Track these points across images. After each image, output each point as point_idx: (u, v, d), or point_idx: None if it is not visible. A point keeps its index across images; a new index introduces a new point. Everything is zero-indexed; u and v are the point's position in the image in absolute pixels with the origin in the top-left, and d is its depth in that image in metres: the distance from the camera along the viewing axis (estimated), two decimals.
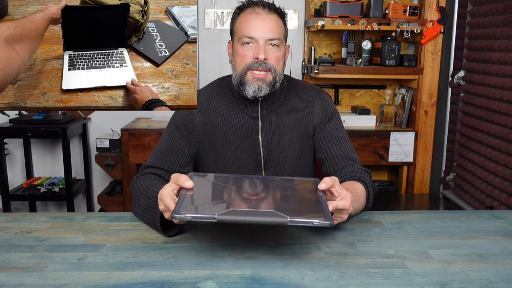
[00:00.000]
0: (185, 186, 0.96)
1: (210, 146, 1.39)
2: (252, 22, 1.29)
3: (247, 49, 1.30)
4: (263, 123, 1.38)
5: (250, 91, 1.30)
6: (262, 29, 1.29)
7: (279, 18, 1.33)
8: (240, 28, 1.32)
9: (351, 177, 1.28)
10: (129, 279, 0.87)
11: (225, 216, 0.84)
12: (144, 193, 1.15)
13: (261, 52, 1.28)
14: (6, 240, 1.05)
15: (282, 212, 0.86)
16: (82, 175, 3.14)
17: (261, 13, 1.30)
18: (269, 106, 1.38)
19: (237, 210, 0.87)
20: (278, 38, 1.30)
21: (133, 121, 2.92)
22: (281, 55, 1.33)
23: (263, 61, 1.28)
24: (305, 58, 2.93)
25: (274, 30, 1.29)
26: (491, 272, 0.91)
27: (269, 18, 1.30)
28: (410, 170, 2.88)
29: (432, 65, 2.78)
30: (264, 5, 1.31)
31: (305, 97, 1.43)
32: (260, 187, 1.05)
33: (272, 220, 0.85)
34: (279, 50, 1.31)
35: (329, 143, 1.39)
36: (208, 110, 1.39)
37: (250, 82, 1.30)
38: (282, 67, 1.35)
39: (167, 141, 1.37)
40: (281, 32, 1.32)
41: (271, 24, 1.29)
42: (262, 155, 1.38)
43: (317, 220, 0.85)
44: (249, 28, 1.29)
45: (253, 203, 0.95)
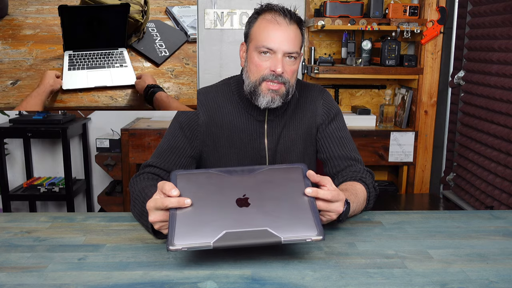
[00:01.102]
0: (171, 195, 0.94)
1: (214, 147, 1.37)
2: (272, 32, 1.24)
3: (264, 60, 1.25)
4: (269, 127, 1.37)
5: (263, 102, 1.27)
6: (282, 41, 1.23)
7: (298, 29, 1.28)
8: (258, 36, 1.26)
9: (352, 177, 1.28)
10: (129, 279, 0.87)
11: (220, 243, 0.86)
12: (139, 195, 1.14)
13: (279, 66, 1.23)
14: (6, 240, 1.05)
15: (274, 228, 0.88)
16: (82, 175, 3.14)
17: (282, 23, 1.24)
18: (277, 110, 1.36)
19: (231, 233, 0.88)
20: (296, 51, 1.26)
21: (133, 121, 2.92)
22: (297, 68, 1.29)
23: (280, 75, 1.25)
24: (305, 58, 2.93)
25: (294, 43, 1.25)
26: (491, 272, 0.91)
27: (290, 29, 1.25)
28: (410, 170, 2.88)
29: (432, 65, 2.78)
30: (286, 13, 1.24)
31: (308, 98, 1.41)
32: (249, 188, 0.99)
33: (267, 241, 0.87)
34: (295, 63, 1.28)
35: (331, 143, 1.38)
36: (213, 110, 1.37)
37: (264, 93, 1.27)
38: (296, 79, 1.32)
39: (169, 141, 1.35)
40: (300, 45, 1.29)
41: (291, 36, 1.24)
42: (267, 158, 1.38)
43: (309, 237, 0.87)
44: (268, 38, 1.24)
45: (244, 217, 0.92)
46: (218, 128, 1.36)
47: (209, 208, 0.94)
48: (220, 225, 0.90)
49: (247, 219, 0.92)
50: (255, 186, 0.99)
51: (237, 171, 1.03)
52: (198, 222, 0.91)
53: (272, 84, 1.25)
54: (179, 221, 0.91)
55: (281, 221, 0.90)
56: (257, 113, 1.35)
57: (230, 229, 0.88)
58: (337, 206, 1.02)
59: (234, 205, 0.95)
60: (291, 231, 0.88)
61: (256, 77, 1.27)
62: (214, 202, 0.96)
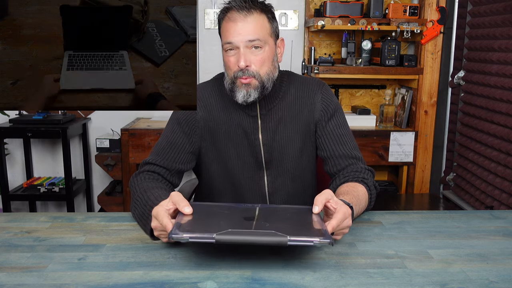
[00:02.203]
0: (184, 212, 0.96)
1: (212, 143, 1.37)
2: (230, 27, 1.24)
3: (230, 56, 1.26)
4: (262, 122, 1.36)
5: (239, 97, 1.28)
6: (239, 33, 1.23)
7: (261, 15, 1.25)
8: (222, 34, 1.28)
9: (354, 177, 1.27)
10: (129, 279, 0.87)
11: (223, 236, 0.85)
12: (141, 197, 1.14)
13: (241, 60, 1.23)
14: (6, 240, 1.05)
15: (280, 231, 0.87)
16: (82, 175, 3.14)
17: (237, 18, 1.23)
18: (268, 104, 1.35)
19: (236, 231, 0.87)
20: (259, 38, 1.24)
21: (133, 121, 2.92)
22: (266, 56, 1.27)
23: (246, 69, 1.24)
24: (305, 58, 2.93)
25: (253, 31, 1.23)
26: (491, 272, 0.91)
27: (247, 21, 1.23)
28: (410, 170, 2.88)
29: (432, 65, 2.78)
30: (241, 6, 1.23)
31: (305, 92, 1.39)
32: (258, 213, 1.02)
33: (272, 239, 0.85)
34: (263, 52, 1.26)
35: (332, 141, 1.37)
36: (210, 105, 1.37)
37: (239, 87, 1.27)
38: (270, 66, 1.29)
39: (168, 137, 1.35)
40: (264, 31, 1.26)
41: (248, 26, 1.23)
42: (263, 154, 1.37)
43: (317, 239, 0.85)
44: (228, 34, 1.25)
45: (251, 224, 0.94)
46: (216, 123, 1.36)
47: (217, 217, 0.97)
48: (225, 224, 0.91)
49: (254, 225, 0.93)
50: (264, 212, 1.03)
51: (248, 206, 1.08)
52: (204, 220, 0.93)
53: (243, 79, 1.26)
54: (185, 218, 0.93)
55: (288, 228, 0.90)
56: (249, 108, 1.35)
57: (235, 228, 0.89)
58: (347, 221, 1.01)
59: (242, 219, 0.97)
60: (298, 235, 0.87)
61: (230, 75, 1.29)
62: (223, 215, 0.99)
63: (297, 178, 1.42)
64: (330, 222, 0.96)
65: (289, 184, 1.41)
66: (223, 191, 1.41)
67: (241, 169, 1.38)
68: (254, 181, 1.39)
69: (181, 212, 0.96)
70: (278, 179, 1.40)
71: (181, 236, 0.85)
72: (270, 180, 1.39)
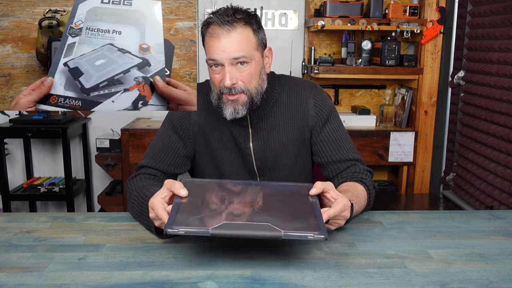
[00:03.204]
0: (180, 194, 0.96)
1: (206, 147, 1.36)
2: (214, 44, 1.18)
3: (216, 72, 1.21)
4: (254, 131, 1.33)
5: (227, 114, 1.24)
6: (223, 50, 1.17)
7: (245, 29, 1.19)
8: (206, 49, 1.23)
9: (352, 177, 1.27)
10: (129, 279, 0.87)
11: (218, 230, 0.85)
12: (138, 195, 1.14)
13: (226, 79, 1.18)
14: (6, 240, 1.05)
15: (276, 225, 0.87)
16: (82, 175, 3.14)
17: (220, 35, 1.17)
18: (259, 112, 1.31)
19: (231, 224, 0.87)
20: (244, 55, 1.18)
21: (133, 121, 2.93)
22: (253, 71, 1.21)
23: (232, 86, 1.19)
24: (305, 58, 2.93)
25: (237, 48, 1.17)
26: (491, 272, 0.91)
27: (231, 36, 1.17)
28: (410, 170, 2.88)
29: (432, 65, 2.78)
30: (224, 21, 1.17)
31: (298, 98, 1.34)
32: (254, 195, 1.03)
33: (266, 234, 0.86)
34: (249, 67, 1.20)
35: (328, 147, 1.33)
36: (204, 109, 1.35)
37: (226, 104, 1.23)
38: (259, 80, 1.24)
39: (163, 141, 1.34)
40: (249, 46, 1.20)
41: (232, 42, 1.17)
42: (254, 163, 1.35)
43: (311, 234, 0.85)
44: (212, 50, 1.19)
45: (246, 214, 0.93)
46: (210, 127, 1.35)
47: (212, 204, 0.97)
48: (221, 217, 0.91)
49: (249, 215, 0.93)
50: (260, 194, 1.03)
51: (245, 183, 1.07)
52: (199, 212, 0.93)
53: (230, 96, 1.21)
54: (181, 209, 0.93)
55: (283, 219, 0.90)
56: (239, 118, 1.27)
57: (230, 221, 0.89)
58: (345, 213, 1.02)
59: (237, 205, 0.97)
60: (293, 228, 0.87)
61: (216, 91, 1.24)
62: (218, 200, 0.99)
63: None
64: (328, 211, 0.97)
65: None
66: None
67: (234, 176, 1.37)
68: None
69: (177, 195, 0.97)
70: None
71: (177, 231, 0.85)
72: None
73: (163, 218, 0.94)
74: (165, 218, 0.93)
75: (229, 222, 0.88)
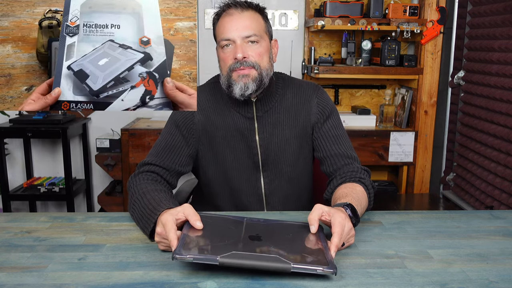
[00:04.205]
0: (195, 226, 0.96)
1: (209, 146, 1.38)
2: (227, 24, 1.28)
3: (227, 52, 1.28)
4: (259, 124, 1.37)
5: (237, 90, 1.28)
6: (236, 28, 1.26)
7: (256, 14, 1.31)
8: (218, 33, 1.31)
9: (351, 178, 1.27)
10: (129, 279, 0.87)
11: (227, 259, 0.84)
12: (140, 200, 1.14)
13: (238, 51, 1.25)
14: (6, 240, 1.05)
15: (285, 258, 0.86)
16: (82, 175, 3.14)
17: (234, 13, 1.28)
18: (264, 106, 1.37)
19: (240, 254, 0.87)
20: (255, 34, 1.27)
21: (133, 121, 2.93)
22: (264, 51, 1.29)
23: (244, 60, 1.26)
24: (305, 58, 2.93)
25: (249, 26, 1.27)
26: (491, 272, 0.91)
27: (243, 16, 1.28)
28: (410, 170, 2.88)
29: (432, 65, 2.78)
30: (237, 4, 1.29)
31: (302, 96, 1.41)
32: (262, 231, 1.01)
33: (275, 265, 0.85)
34: (259, 46, 1.29)
35: (328, 141, 1.38)
36: (207, 108, 1.38)
37: (236, 81, 1.27)
38: (268, 62, 1.31)
39: (166, 139, 1.36)
40: (260, 27, 1.30)
41: (245, 22, 1.27)
42: (260, 155, 1.38)
43: (320, 268, 0.84)
44: (224, 31, 1.28)
45: (255, 246, 0.93)
46: (214, 127, 1.37)
47: (222, 236, 0.96)
48: (230, 246, 0.90)
49: (258, 247, 0.92)
50: (268, 229, 1.02)
51: (252, 220, 1.07)
52: (209, 237, 0.93)
53: (240, 70, 1.27)
54: (190, 235, 0.93)
55: (292, 252, 0.90)
56: (245, 110, 1.35)
57: (239, 251, 0.88)
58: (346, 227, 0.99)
59: (246, 238, 0.96)
60: (302, 262, 0.87)
61: (225, 70, 1.29)
62: (227, 232, 0.98)
63: (294, 181, 1.42)
64: (333, 241, 0.94)
65: (286, 186, 1.42)
66: (220, 192, 1.42)
67: (238, 171, 1.38)
68: (251, 183, 1.39)
69: (192, 225, 0.97)
70: (274, 181, 1.40)
71: (185, 257, 0.84)
72: (267, 182, 1.40)
73: (172, 243, 0.93)
74: (174, 243, 0.92)
75: (238, 252, 0.87)
